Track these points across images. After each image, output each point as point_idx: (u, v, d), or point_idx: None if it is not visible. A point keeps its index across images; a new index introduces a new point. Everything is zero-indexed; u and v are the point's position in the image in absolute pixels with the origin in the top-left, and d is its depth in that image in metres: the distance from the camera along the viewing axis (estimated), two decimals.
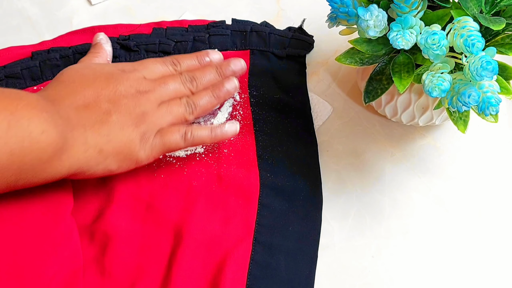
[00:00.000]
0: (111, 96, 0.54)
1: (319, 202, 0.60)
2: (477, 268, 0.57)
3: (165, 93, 0.57)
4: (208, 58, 0.62)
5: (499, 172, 0.62)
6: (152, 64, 0.59)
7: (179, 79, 0.59)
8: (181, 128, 0.56)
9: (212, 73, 0.61)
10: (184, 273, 0.54)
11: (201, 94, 0.59)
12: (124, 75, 0.56)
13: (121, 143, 0.53)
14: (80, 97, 0.53)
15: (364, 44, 0.52)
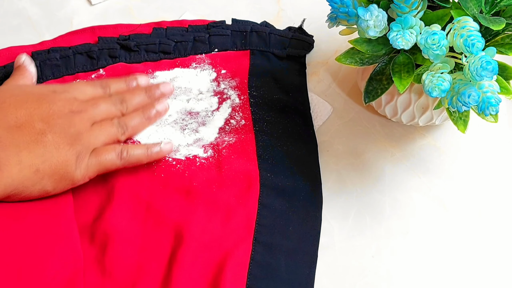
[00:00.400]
0: (45, 116, 0.54)
1: (319, 202, 0.60)
2: (477, 268, 0.57)
3: (97, 114, 0.58)
4: (135, 83, 0.63)
5: (499, 172, 0.62)
6: (82, 86, 0.60)
7: (110, 100, 0.60)
8: (116, 147, 0.57)
9: (141, 96, 0.62)
10: (185, 273, 0.54)
11: (132, 116, 0.60)
12: (56, 96, 0.57)
13: (57, 163, 0.53)
14: (12, 117, 0.53)
15: (364, 44, 0.52)
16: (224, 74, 0.66)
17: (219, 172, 0.60)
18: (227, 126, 0.63)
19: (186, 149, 0.61)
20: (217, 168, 0.60)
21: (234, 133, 0.62)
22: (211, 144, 0.62)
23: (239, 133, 0.62)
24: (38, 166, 0.53)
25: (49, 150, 0.53)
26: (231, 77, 0.66)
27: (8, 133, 0.52)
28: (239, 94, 0.65)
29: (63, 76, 0.65)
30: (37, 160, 0.53)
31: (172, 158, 0.60)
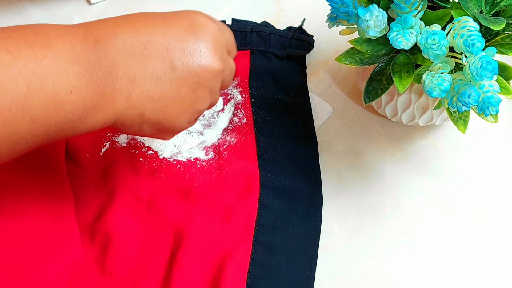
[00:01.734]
0: (178, 60, 0.45)
1: (319, 202, 0.60)
2: (477, 267, 0.57)
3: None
4: None
5: (499, 172, 0.62)
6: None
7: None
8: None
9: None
10: (185, 273, 0.54)
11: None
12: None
13: (166, 116, 0.45)
14: (143, 39, 0.43)
15: (364, 44, 0.52)
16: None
17: (219, 173, 0.60)
18: (230, 125, 0.63)
19: (189, 151, 0.61)
20: (217, 170, 0.60)
21: (236, 132, 0.62)
22: (212, 145, 0.62)
23: (240, 133, 0.62)
24: (145, 110, 0.44)
25: (166, 98, 0.45)
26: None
27: (127, 61, 0.43)
28: (241, 92, 0.65)
29: None
30: (148, 103, 0.44)
31: (173, 159, 0.60)
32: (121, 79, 0.42)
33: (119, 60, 0.42)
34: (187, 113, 0.47)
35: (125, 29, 0.43)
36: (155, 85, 0.44)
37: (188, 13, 0.47)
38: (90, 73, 0.40)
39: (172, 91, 0.45)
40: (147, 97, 0.44)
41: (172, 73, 0.44)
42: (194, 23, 0.46)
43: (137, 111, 0.44)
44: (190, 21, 0.46)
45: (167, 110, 0.45)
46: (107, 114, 0.43)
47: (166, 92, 0.44)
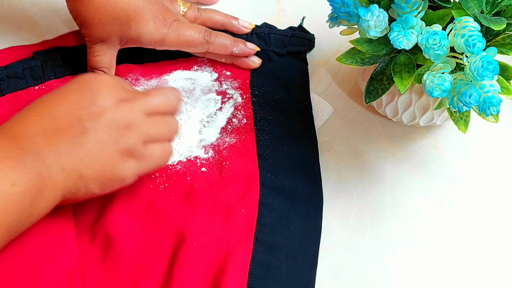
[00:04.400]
0: (87, 113, 0.50)
1: (320, 202, 0.60)
2: (477, 267, 0.57)
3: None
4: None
5: (500, 172, 0.62)
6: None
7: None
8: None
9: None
10: (186, 273, 0.54)
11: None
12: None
13: (101, 166, 0.50)
14: (48, 118, 0.49)
15: (365, 44, 0.52)
16: (225, 74, 0.66)
17: (219, 173, 0.60)
18: (229, 126, 0.63)
19: (188, 150, 0.61)
20: (217, 169, 0.60)
21: (235, 133, 0.62)
22: (212, 144, 0.62)
23: (240, 132, 0.62)
24: (81, 172, 0.49)
25: (92, 153, 0.49)
26: (233, 77, 0.66)
27: (45, 139, 0.48)
28: (241, 93, 0.65)
29: (65, 76, 0.65)
30: (79, 164, 0.49)
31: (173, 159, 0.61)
32: (48, 156, 0.47)
33: (39, 142, 0.47)
34: (116, 157, 0.50)
35: (31, 117, 0.49)
36: (76, 147, 0.48)
37: (76, 78, 0.52)
38: (21, 163, 0.46)
39: (92, 143, 0.49)
40: (76, 159, 0.48)
41: (83, 130, 0.49)
42: (84, 82, 0.51)
43: (75, 175, 0.49)
44: (80, 82, 0.51)
45: (98, 162, 0.49)
46: (53, 190, 0.48)
47: (88, 148, 0.49)
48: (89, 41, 0.62)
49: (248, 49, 0.65)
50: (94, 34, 0.61)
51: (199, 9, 0.67)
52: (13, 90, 0.64)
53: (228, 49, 0.64)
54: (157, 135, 0.53)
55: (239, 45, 0.65)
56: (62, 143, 0.48)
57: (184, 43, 0.63)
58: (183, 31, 0.62)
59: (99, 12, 0.60)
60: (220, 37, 0.64)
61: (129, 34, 0.61)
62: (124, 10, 0.60)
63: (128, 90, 0.53)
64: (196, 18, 0.66)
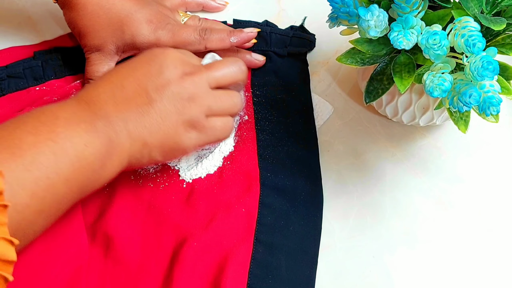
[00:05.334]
0: (154, 84, 0.53)
1: (320, 202, 0.60)
2: (477, 267, 0.57)
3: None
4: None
5: (500, 172, 0.62)
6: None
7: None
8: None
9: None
10: (186, 272, 0.54)
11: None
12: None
13: (164, 135, 0.52)
14: (118, 87, 0.52)
15: (365, 44, 0.52)
16: None
17: (220, 172, 0.60)
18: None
19: None
20: (218, 169, 0.60)
21: (236, 129, 0.62)
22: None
23: (242, 129, 0.62)
24: (146, 139, 0.52)
25: (156, 122, 0.52)
26: None
27: (115, 106, 0.51)
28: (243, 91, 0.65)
29: (65, 76, 0.65)
30: (144, 131, 0.51)
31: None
32: (117, 123, 0.50)
33: (108, 108, 0.51)
34: (179, 127, 0.53)
35: (103, 85, 0.52)
36: (142, 116, 0.51)
37: (145, 51, 0.56)
38: (93, 126, 0.49)
39: (157, 113, 0.52)
40: (141, 127, 0.51)
41: (150, 100, 0.52)
42: (153, 55, 0.54)
43: (139, 142, 0.51)
44: (149, 54, 0.55)
45: (162, 131, 0.52)
46: (121, 155, 0.51)
47: (153, 117, 0.52)
48: (86, 50, 0.62)
49: (246, 34, 0.64)
50: (89, 42, 0.61)
51: (201, 19, 0.66)
52: (14, 90, 0.64)
53: (225, 42, 0.63)
54: (219, 109, 0.55)
55: (236, 33, 0.64)
56: (129, 111, 0.51)
57: (180, 42, 0.62)
58: (178, 30, 0.62)
59: (93, 19, 0.60)
60: (215, 32, 0.63)
61: (124, 39, 0.61)
62: (117, 15, 0.60)
63: (193, 64, 0.55)
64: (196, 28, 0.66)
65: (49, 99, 0.62)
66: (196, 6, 0.71)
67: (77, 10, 0.60)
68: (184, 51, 0.57)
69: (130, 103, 0.51)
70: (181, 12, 0.66)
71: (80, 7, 0.60)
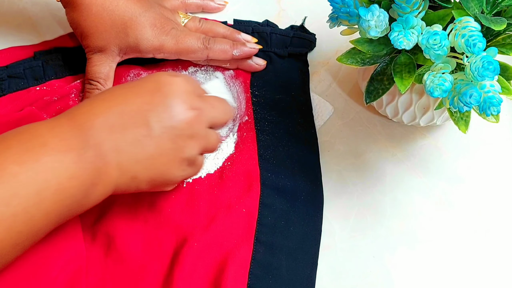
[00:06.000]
0: (156, 116, 0.50)
1: (320, 202, 0.60)
2: (477, 267, 0.57)
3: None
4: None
5: (500, 172, 0.62)
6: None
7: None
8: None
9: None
10: (186, 273, 0.54)
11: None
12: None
13: (157, 172, 0.50)
14: (116, 114, 0.49)
15: (365, 44, 0.52)
16: (227, 74, 0.66)
17: (220, 173, 0.60)
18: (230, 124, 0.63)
19: None
20: (218, 169, 0.60)
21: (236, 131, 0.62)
22: None
23: (241, 131, 0.62)
24: (136, 173, 0.49)
25: (151, 157, 0.49)
26: (234, 77, 0.66)
27: (109, 134, 0.48)
28: (242, 92, 0.65)
29: (66, 76, 0.65)
30: (136, 166, 0.49)
31: None
32: (109, 152, 0.47)
33: (103, 136, 0.47)
34: (175, 164, 0.51)
35: (100, 108, 0.49)
36: (137, 148, 0.48)
37: (152, 76, 0.52)
38: (82, 156, 0.46)
39: (154, 148, 0.49)
40: (134, 160, 0.48)
41: (149, 133, 0.49)
42: (159, 83, 0.51)
43: (129, 175, 0.49)
44: (155, 83, 0.51)
45: (155, 167, 0.50)
46: (106, 186, 0.48)
47: (149, 151, 0.49)
48: (88, 51, 0.62)
49: (248, 49, 0.65)
50: (92, 43, 0.61)
51: (201, 20, 0.66)
52: (14, 90, 0.64)
53: (228, 53, 0.64)
54: (209, 148, 0.54)
55: (239, 47, 0.64)
56: (124, 141, 0.48)
57: (183, 49, 0.62)
58: (181, 38, 0.62)
59: (96, 20, 0.60)
60: (219, 42, 0.64)
61: (127, 42, 0.61)
62: (121, 18, 0.60)
63: (198, 96, 0.52)
64: (197, 29, 0.66)
65: (49, 99, 0.62)
66: (196, 8, 0.71)
67: (80, 11, 0.60)
68: (191, 80, 0.54)
69: (127, 132, 0.48)
70: (181, 14, 0.66)
71: (84, 8, 0.60)
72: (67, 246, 0.53)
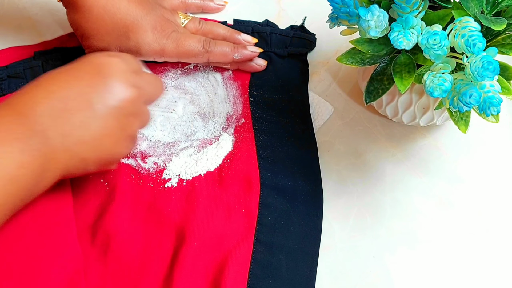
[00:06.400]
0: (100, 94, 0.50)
1: (320, 202, 0.60)
2: (477, 267, 0.57)
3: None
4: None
5: (500, 172, 0.62)
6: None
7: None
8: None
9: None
10: (186, 273, 0.54)
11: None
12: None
13: (105, 151, 0.51)
14: (63, 93, 0.49)
15: (365, 44, 0.52)
16: (227, 74, 0.66)
17: (219, 172, 0.60)
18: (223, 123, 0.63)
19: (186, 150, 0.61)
20: (217, 168, 0.60)
21: (234, 132, 0.62)
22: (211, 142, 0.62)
23: (239, 132, 0.62)
24: (84, 155, 0.50)
25: (97, 137, 0.50)
26: (234, 77, 0.66)
27: (53, 120, 0.48)
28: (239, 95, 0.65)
29: None
30: (83, 147, 0.49)
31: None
32: (55, 138, 0.47)
33: (47, 122, 0.47)
34: (121, 141, 0.52)
35: (41, 94, 0.49)
36: (83, 130, 0.49)
37: (88, 58, 0.52)
38: (28, 144, 0.46)
39: (100, 129, 0.49)
40: (81, 142, 0.49)
41: (94, 114, 0.49)
42: (97, 65, 0.51)
43: (77, 157, 0.49)
44: (93, 65, 0.51)
45: (102, 147, 0.50)
46: (55, 171, 0.48)
47: (95, 133, 0.49)
48: (89, 52, 0.62)
49: (249, 53, 0.65)
50: (93, 45, 0.61)
51: (201, 21, 0.66)
52: (14, 90, 0.64)
53: (228, 57, 0.64)
54: (144, 124, 0.55)
55: (239, 50, 0.64)
56: (69, 124, 0.48)
57: (184, 53, 0.62)
58: (182, 41, 0.62)
59: (98, 22, 0.60)
60: (220, 45, 0.64)
61: (128, 45, 0.61)
62: (123, 21, 0.60)
63: (137, 74, 0.53)
64: (197, 30, 0.66)
65: None
66: (195, 8, 0.71)
67: (82, 12, 0.60)
68: (127, 58, 0.54)
69: (71, 116, 0.48)
70: (181, 14, 0.66)
71: (86, 10, 0.60)
72: (62, 249, 0.53)
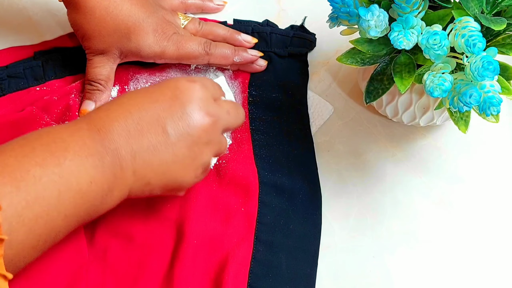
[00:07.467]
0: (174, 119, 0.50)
1: (318, 201, 0.60)
2: (477, 267, 0.57)
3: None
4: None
5: (500, 172, 0.62)
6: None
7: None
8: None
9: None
10: (186, 271, 0.54)
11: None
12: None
13: (171, 178, 0.50)
14: (135, 118, 0.49)
15: (365, 44, 0.52)
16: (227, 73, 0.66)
17: (217, 171, 0.60)
18: None
19: None
20: (215, 167, 0.60)
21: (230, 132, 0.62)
22: None
23: (235, 133, 0.62)
24: (150, 179, 0.50)
25: (166, 163, 0.50)
26: (234, 77, 0.66)
27: (127, 140, 0.48)
28: (240, 92, 0.65)
29: (65, 77, 0.65)
30: (151, 173, 0.49)
31: None
32: (125, 158, 0.48)
33: (120, 142, 0.48)
34: (190, 170, 0.51)
35: (118, 113, 0.49)
36: (153, 154, 0.49)
37: (169, 82, 0.52)
38: (101, 161, 0.47)
39: (170, 155, 0.49)
40: (149, 166, 0.49)
41: (166, 140, 0.49)
42: (177, 90, 0.51)
43: (143, 181, 0.49)
44: (172, 89, 0.51)
45: (170, 173, 0.50)
46: (121, 191, 0.49)
47: (164, 158, 0.49)
48: (89, 52, 0.62)
49: (250, 56, 0.65)
50: (94, 46, 0.61)
51: (201, 22, 0.66)
52: (14, 90, 0.64)
53: (229, 59, 0.64)
54: (219, 153, 0.55)
55: (240, 53, 0.64)
56: (140, 148, 0.49)
57: (184, 55, 0.62)
58: (182, 43, 0.62)
59: (100, 24, 0.60)
60: (220, 47, 0.64)
61: (129, 47, 0.61)
62: (125, 23, 0.60)
63: (215, 102, 0.53)
64: (197, 31, 0.66)
65: (50, 99, 0.62)
66: (195, 9, 0.71)
67: (83, 13, 0.60)
68: (208, 84, 0.54)
69: (144, 138, 0.49)
70: (181, 15, 0.66)
71: (87, 11, 0.60)
72: (69, 244, 0.53)
